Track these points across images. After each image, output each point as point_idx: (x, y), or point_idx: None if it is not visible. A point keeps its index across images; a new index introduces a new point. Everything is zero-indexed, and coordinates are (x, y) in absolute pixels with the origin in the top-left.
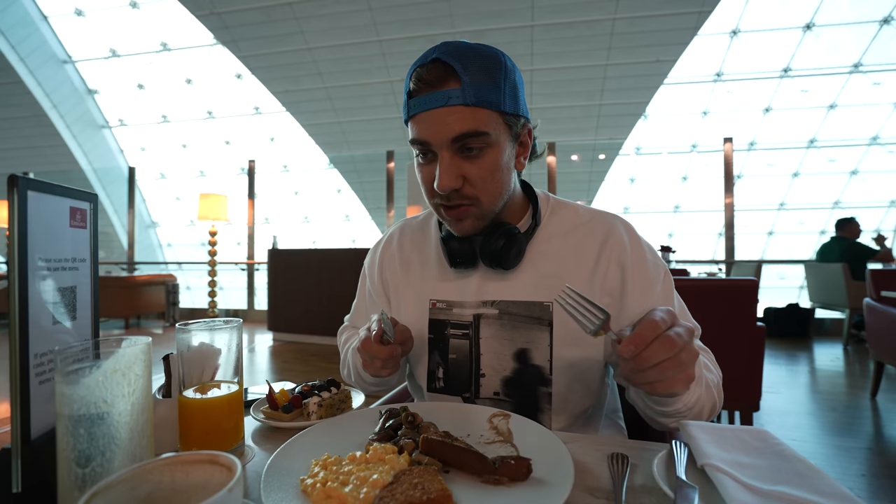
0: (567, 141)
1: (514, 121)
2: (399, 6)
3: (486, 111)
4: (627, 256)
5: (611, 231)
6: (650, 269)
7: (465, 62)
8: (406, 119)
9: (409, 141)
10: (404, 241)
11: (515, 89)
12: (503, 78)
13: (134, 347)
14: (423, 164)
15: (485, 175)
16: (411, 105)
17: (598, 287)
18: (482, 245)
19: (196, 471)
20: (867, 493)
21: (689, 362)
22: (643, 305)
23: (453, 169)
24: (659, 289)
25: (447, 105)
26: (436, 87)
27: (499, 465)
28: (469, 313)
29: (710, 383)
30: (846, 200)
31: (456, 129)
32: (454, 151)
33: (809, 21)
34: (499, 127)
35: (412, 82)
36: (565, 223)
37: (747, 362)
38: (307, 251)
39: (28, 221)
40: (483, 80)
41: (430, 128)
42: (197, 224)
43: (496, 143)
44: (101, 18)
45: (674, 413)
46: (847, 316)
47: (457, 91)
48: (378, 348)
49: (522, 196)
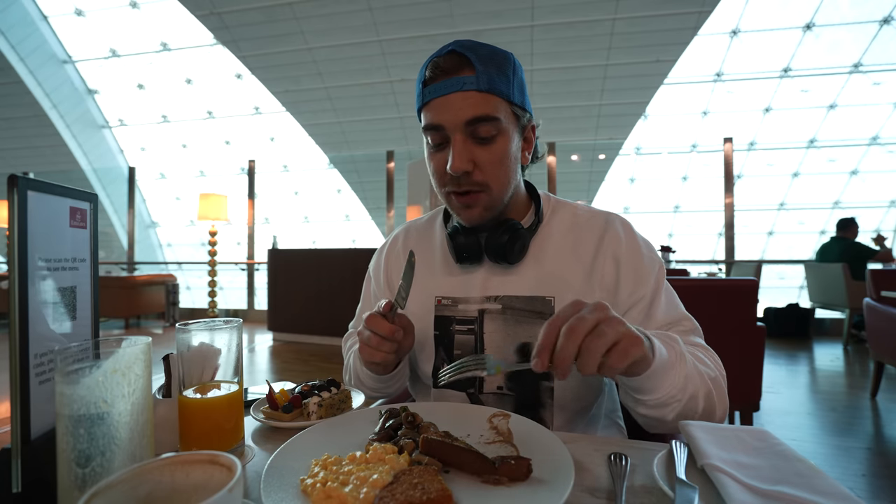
0: (567, 141)
1: (522, 113)
2: (399, 6)
3: (497, 99)
4: (622, 250)
5: (607, 227)
6: (644, 263)
7: (478, 54)
8: (419, 107)
9: (422, 128)
10: (409, 241)
11: (522, 86)
12: (512, 73)
13: (134, 347)
14: (434, 153)
15: (495, 161)
16: (426, 92)
17: (596, 282)
18: (487, 240)
19: (196, 471)
20: (867, 493)
21: (613, 328)
22: (633, 298)
23: (466, 153)
24: (652, 282)
25: (462, 90)
26: (451, 74)
27: (499, 465)
28: (474, 309)
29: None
30: (846, 200)
31: (470, 112)
32: (467, 135)
33: (809, 21)
34: (508, 116)
35: (428, 71)
36: (566, 221)
37: (747, 362)
38: (307, 251)
39: (28, 221)
40: (495, 71)
41: (445, 112)
42: (197, 224)
43: (505, 130)
44: (101, 18)
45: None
46: (847, 316)
47: (471, 78)
48: (381, 323)
49: (525, 194)
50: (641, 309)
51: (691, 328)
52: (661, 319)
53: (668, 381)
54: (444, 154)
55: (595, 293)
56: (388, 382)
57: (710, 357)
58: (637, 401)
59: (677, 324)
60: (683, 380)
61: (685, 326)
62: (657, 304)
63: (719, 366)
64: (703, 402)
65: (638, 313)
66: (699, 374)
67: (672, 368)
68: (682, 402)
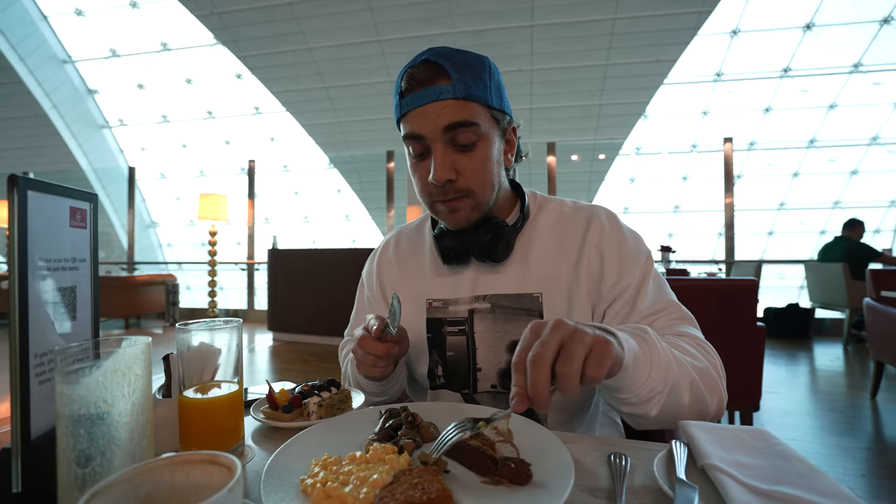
0: (567, 141)
1: (501, 116)
2: (399, 6)
3: (475, 104)
4: (606, 241)
5: (592, 219)
6: (629, 253)
7: (453, 61)
8: (398, 119)
9: (402, 138)
10: (400, 245)
11: (500, 88)
12: (489, 76)
13: (134, 347)
14: (416, 163)
15: (477, 167)
16: (403, 104)
17: (583, 275)
18: (470, 239)
19: (196, 471)
20: (867, 493)
21: (579, 342)
22: (619, 287)
23: (447, 161)
24: (637, 272)
25: (438, 99)
26: (427, 84)
27: (499, 466)
28: (464, 309)
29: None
30: (846, 200)
31: (448, 118)
32: (447, 143)
33: (809, 21)
34: (487, 120)
35: (403, 82)
36: (552, 216)
37: (747, 362)
38: (307, 251)
39: (28, 221)
40: (471, 77)
41: (422, 122)
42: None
43: (486, 135)
44: (101, 18)
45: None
46: (847, 316)
47: (447, 87)
48: (375, 345)
49: (511, 192)
50: (627, 300)
51: (679, 316)
52: (646, 309)
53: (643, 375)
54: (426, 164)
55: (582, 285)
56: (387, 386)
57: (699, 347)
58: (618, 399)
59: (663, 312)
60: (663, 371)
61: (672, 314)
62: (642, 294)
63: (710, 355)
64: (688, 394)
65: (623, 304)
66: (678, 362)
67: (647, 362)
68: (664, 395)
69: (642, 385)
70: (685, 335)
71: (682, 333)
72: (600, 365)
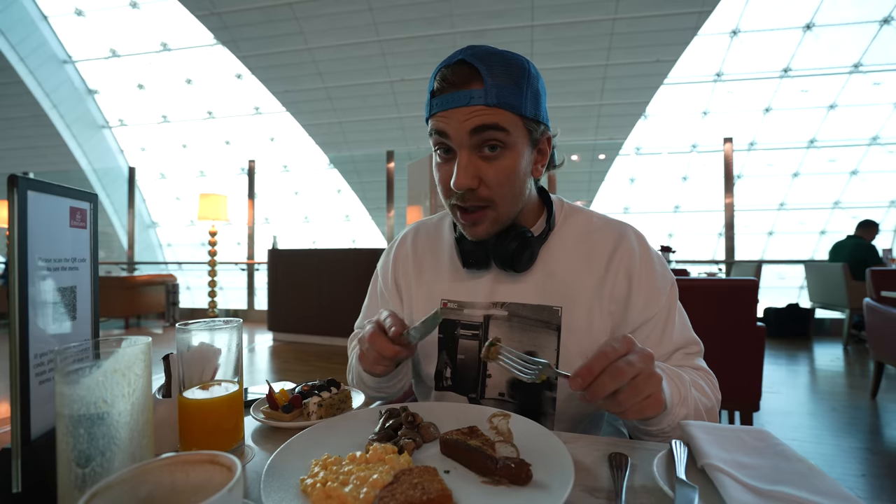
0: (567, 141)
1: (535, 126)
2: (399, 6)
3: (506, 113)
4: (636, 266)
5: (621, 240)
6: (657, 281)
7: (489, 65)
8: (427, 117)
9: (429, 134)
10: (419, 242)
11: (537, 96)
12: (526, 83)
13: (134, 347)
14: (441, 164)
15: (501, 178)
16: (434, 104)
17: (606, 294)
18: (494, 247)
19: (196, 471)
20: (867, 493)
21: (649, 387)
22: (645, 315)
23: (471, 168)
24: (664, 300)
25: (468, 105)
26: (459, 87)
27: (499, 466)
28: (479, 314)
29: (699, 405)
30: (846, 200)
31: (475, 124)
32: (472, 149)
33: (809, 21)
34: (518, 130)
35: (437, 82)
36: (578, 229)
37: (747, 362)
38: (307, 251)
39: (28, 221)
40: (506, 83)
41: (449, 125)
42: (197, 224)
43: (514, 145)
44: (101, 18)
45: (658, 433)
46: (847, 316)
47: (479, 92)
48: (385, 345)
49: (538, 200)
50: (654, 328)
51: (698, 351)
52: (675, 342)
53: (666, 422)
54: (451, 166)
55: (605, 305)
56: (389, 383)
57: (709, 383)
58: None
59: (687, 347)
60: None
61: (693, 349)
62: (671, 325)
63: (716, 390)
64: None
65: (651, 331)
66: (697, 410)
67: (673, 410)
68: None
69: (667, 424)
70: (700, 369)
71: (698, 367)
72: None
